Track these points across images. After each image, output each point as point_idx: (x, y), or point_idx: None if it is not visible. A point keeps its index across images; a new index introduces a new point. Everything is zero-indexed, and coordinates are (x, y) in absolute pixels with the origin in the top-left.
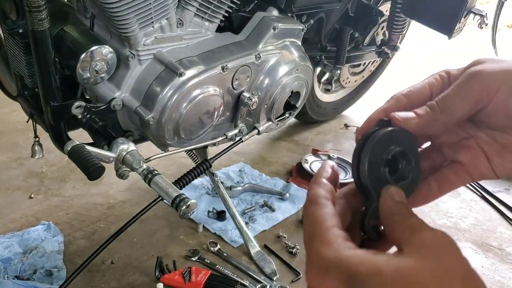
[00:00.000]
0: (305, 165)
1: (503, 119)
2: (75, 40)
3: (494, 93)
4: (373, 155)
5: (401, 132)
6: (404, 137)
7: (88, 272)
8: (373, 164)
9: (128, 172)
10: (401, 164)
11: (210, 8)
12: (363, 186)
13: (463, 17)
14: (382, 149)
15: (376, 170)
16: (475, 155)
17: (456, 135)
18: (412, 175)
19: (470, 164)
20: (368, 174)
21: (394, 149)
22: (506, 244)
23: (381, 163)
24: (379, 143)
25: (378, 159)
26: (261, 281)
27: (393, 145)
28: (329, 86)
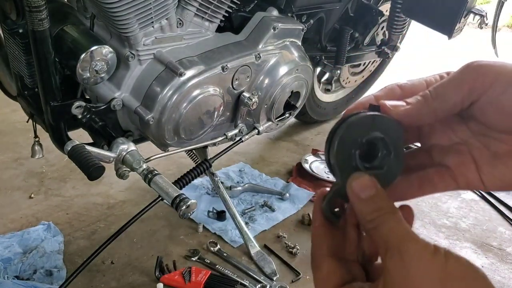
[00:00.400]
0: (305, 165)
1: (496, 115)
2: (75, 40)
3: (489, 85)
4: (348, 134)
5: (386, 120)
6: (389, 125)
7: (88, 272)
8: (345, 144)
9: (128, 172)
10: (380, 153)
11: (210, 8)
12: (331, 166)
13: (463, 17)
14: (359, 132)
15: (347, 151)
16: (465, 162)
17: (448, 139)
18: (388, 167)
19: (458, 170)
20: (336, 153)
21: (372, 134)
22: (506, 244)
23: (354, 145)
24: (357, 125)
25: (352, 140)
26: (261, 281)
27: (373, 131)
28: (329, 86)
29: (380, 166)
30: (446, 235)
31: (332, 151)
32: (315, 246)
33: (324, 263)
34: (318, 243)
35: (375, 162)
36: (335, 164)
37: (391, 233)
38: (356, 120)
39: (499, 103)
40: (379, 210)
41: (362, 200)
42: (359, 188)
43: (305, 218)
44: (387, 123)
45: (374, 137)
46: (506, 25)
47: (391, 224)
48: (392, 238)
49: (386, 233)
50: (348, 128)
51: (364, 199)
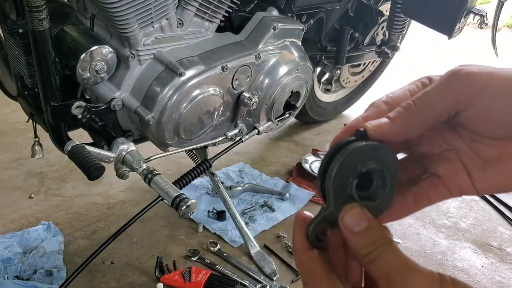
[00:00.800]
0: (305, 165)
1: (486, 125)
2: (75, 40)
3: (477, 96)
4: (348, 162)
5: (387, 152)
6: (388, 158)
7: (88, 272)
8: (344, 171)
9: (128, 172)
10: (375, 184)
11: (210, 8)
12: (325, 191)
13: (463, 17)
14: (360, 161)
15: (344, 179)
16: (456, 169)
17: (437, 145)
18: (381, 199)
19: (450, 179)
20: (333, 179)
21: (372, 165)
22: (506, 244)
23: (352, 173)
24: (359, 153)
25: (351, 168)
26: (261, 281)
27: (372, 161)
28: (329, 86)
29: (374, 198)
30: (446, 235)
31: (329, 176)
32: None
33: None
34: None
35: (369, 193)
36: (331, 190)
37: (390, 266)
38: (359, 148)
39: (489, 113)
40: (374, 243)
41: (356, 234)
42: (352, 222)
43: None
44: (387, 155)
45: (374, 168)
46: (506, 25)
47: (388, 256)
48: (393, 270)
49: (385, 265)
50: (349, 156)
51: (357, 233)
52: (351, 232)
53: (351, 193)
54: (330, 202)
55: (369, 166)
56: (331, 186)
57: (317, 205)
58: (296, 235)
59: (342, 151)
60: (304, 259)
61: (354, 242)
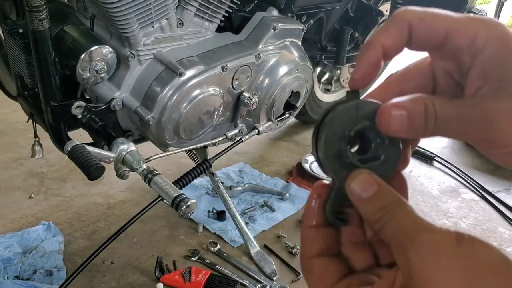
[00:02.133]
0: (305, 165)
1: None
2: (75, 40)
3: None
4: (332, 131)
5: (371, 105)
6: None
7: (88, 272)
8: (332, 143)
9: (128, 172)
10: (373, 143)
11: (210, 8)
12: (324, 168)
13: None
14: (345, 125)
15: (336, 149)
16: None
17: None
18: (385, 155)
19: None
20: (325, 154)
21: (359, 124)
22: (506, 244)
23: (342, 141)
24: (340, 118)
25: (338, 136)
26: (261, 281)
27: (359, 120)
28: (329, 86)
29: (377, 157)
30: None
31: (320, 153)
32: (304, 248)
33: (314, 264)
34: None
35: (370, 154)
36: (327, 165)
37: (400, 228)
38: (338, 114)
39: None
40: (384, 207)
41: (365, 201)
42: (359, 188)
43: None
44: (373, 108)
45: (362, 127)
46: (506, 25)
47: (399, 219)
48: (401, 233)
49: (395, 229)
50: (331, 124)
51: (367, 199)
52: (360, 199)
53: (350, 160)
54: (333, 178)
55: (356, 126)
56: (326, 161)
57: None
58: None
59: (324, 123)
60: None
61: (364, 209)
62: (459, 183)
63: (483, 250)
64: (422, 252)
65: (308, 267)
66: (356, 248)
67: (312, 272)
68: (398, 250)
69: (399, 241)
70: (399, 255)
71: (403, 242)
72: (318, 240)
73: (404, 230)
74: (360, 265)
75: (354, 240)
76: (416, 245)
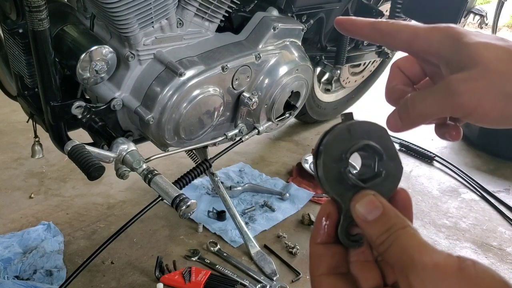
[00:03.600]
0: (305, 165)
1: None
2: (75, 40)
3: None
4: (329, 157)
5: (364, 125)
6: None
7: (88, 272)
8: (331, 167)
9: (128, 172)
10: (373, 161)
11: (210, 8)
12: (328, 193)
13: (463, 17)
14: (340, 148)
15: (335, 172)
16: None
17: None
18: (386, 170)
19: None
20: (326, 179)
21: (355, 145)
22: (506, 244)
23: (340, 164)
24: (335, 142)
25: (336, 159)
26: (261, 281)
27: (355, 141)
28: (329, 86)
29: (378, 174)
30: (446, 235)
31: (322, 179)
32: (313, 266)
33: (323, 283)
34: (316, 262)
35: (371, 172)
36: (330, 189)
37: (402, 251)
38: (332, 139)
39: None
40: (388, 230)
41: (370, 223)
42: (364, 211)
43: (305, 218)
44: (366, 127)
45: (357, 148)
46: (506, 25)
47: (402, 241)
48: (404, 256)
49: (397, 252)
50: (327, 150)
51: (372, 221)
52: (365, 221)
53: (351, 182)
54: (339, 201)
55: (351, 148)
56: (328, 186)
57: (317, 205)
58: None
59: (320, 150)
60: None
61: (369, 232)
62: (459, 183)
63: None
64: (423, 277)
65: (318, 285)
66: (365, 267)
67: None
68: (401, 273)
69: (402, 264)
70: (401, 278)
71: (405, 265)
72: (326, 257)
73: (407, 253)
74: (369, 284)
75: (362, 258)
76: (418, 269)
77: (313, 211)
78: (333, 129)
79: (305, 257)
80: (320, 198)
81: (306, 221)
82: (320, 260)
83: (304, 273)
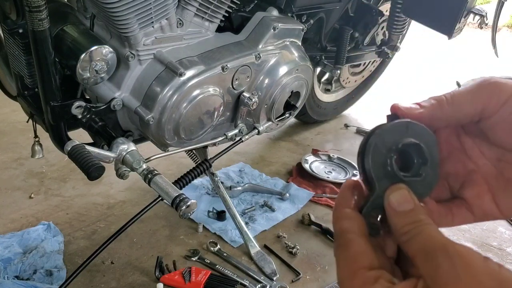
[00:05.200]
0: (305, 165)
1: (505, 133)
2: (75, 40)
3: (502, 103)
4: (382, 141)
5: (420, 128)
6: (423, 133)
7: (88, 272)
8: (380, 151)
9: (128, 172)
10: (416, 162)
11: (210, 8)
12: (366, 173)
13: (463, 17)
14: (394, 138)
15: (382, 157)
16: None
17: (463, 166)
18: (425, 175)
19: (474, 203)
20: (372, 161)
21: (407, 140)
22: (506, 244)
23: (389, 152)
24: (391, 131)
25: (387, 146)
26: (261, 281)
27: (407, 137)
28: (329, 86)
29: (417, 174)
30: (446, 235)
31: (367, 159)
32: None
33: (353, 242)
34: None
35: (412, 171)
36: (373, 172)
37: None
38: (390, 127)
39: (509, 122)
40: (415, 222)
41: (399, 213)
42: (396, 202)
43: (305, 218)
44: (421, 131)
45: (409, 143)
46: (506, 25)
47: (429, 233)
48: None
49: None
50: (382, 135)
51: (401, 212)
52: (395, 211)
53: (393, 172)
54: (374, 184)
55: (404, 141)
56: (372, 167)
57: (317, 205)
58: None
59: (376, 133)
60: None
61: (396, 220)
62: None
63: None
64: (454, 259)
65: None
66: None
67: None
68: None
69: (429, 249)
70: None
71: (433, 249)
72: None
73: (436, 240)
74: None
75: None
76: (450, 252)
77: (313, 211)
78: (392, 122)
79: (305, 257)
80: (320, 198)
81: (306, 221)
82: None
83: (304, 273)
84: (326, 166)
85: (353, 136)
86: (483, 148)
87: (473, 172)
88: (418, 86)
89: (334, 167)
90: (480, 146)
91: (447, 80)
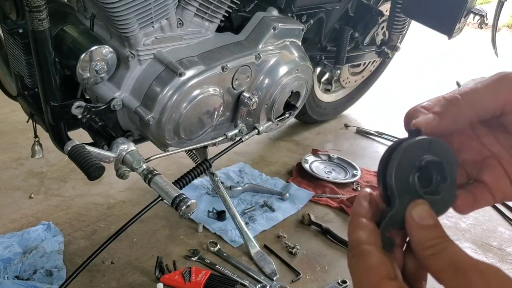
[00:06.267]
0: (305, 165)
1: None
2: (75, 40)
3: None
4: (405, 157)
5: (442, 145)
6: (444, 151)
7: (88, 272)
8: (403, 165)
9: (128, 172)
10: (435, 179)
11: (210, 8)
12: (387, 188)
13: (463, 17)
14: (417, 155)
15: (404, 173)
16: (499, 176)
17: (479, 153)
18: (444, 193)
19: (494, 185)
20: (395, 174)
21: (430, 158)
22: (506, 244)
23: (412, 168)
24: (415, 147)
25: (410, 163)
26: (261, 281)
27: (429, 155)
28: (329, 86)
29: (437, 192)
30: None
31: (390, 174)
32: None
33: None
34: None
35: (432, 188)
36: (394, 186)
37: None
38: (414, 143)
39: None
40: (440, 238)
41: (423, 227)
42: (418, 217)
43: (305, 218)
44: (443, 149)
45: (432, 161)
46: (506, 25)
47: (457, 249)
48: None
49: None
50: (406, 151)
51: (424, 226)
52: (418, 225)
53: (415, 188)
54: (395, 200)
55: (427, 159)
56: (394, 182)
57: (317, 205)
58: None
59: (399, 148)
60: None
61: (420, 234)
62: None
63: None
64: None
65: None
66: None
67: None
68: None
69: (460, 265)
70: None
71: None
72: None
73: (465, 256)
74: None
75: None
76: (483, 269)
77: (313, 211)
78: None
79: (305, 257)
80: (320, 198)
81: (306, 221)
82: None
83: (304, 273)
84: (326, 166)
85: (353, 136)
86: (498, 135)
87: (490, 158)
88: (418, 86)
89: (334, 167)
90: (495, 133)
91: (447, 80)
